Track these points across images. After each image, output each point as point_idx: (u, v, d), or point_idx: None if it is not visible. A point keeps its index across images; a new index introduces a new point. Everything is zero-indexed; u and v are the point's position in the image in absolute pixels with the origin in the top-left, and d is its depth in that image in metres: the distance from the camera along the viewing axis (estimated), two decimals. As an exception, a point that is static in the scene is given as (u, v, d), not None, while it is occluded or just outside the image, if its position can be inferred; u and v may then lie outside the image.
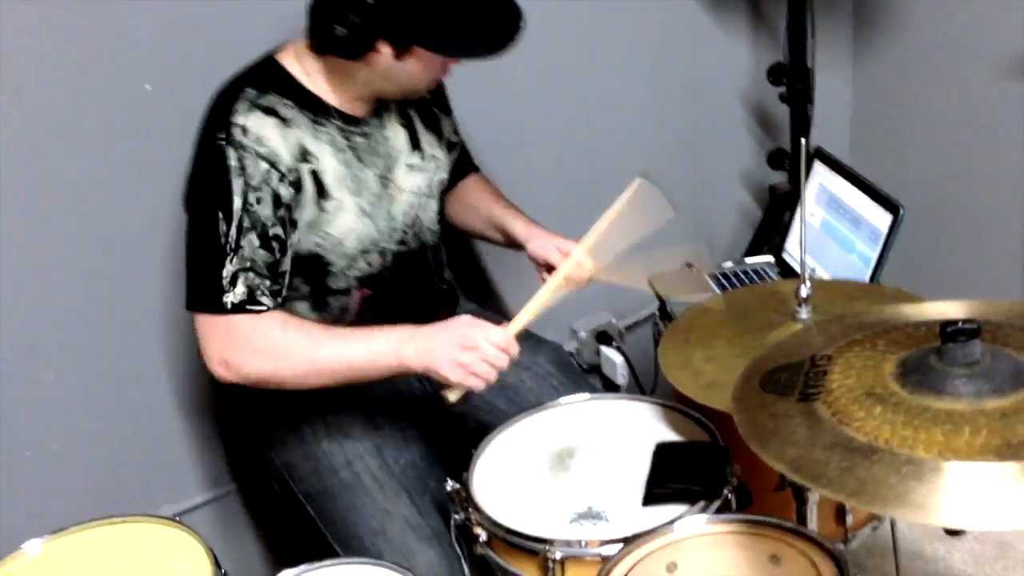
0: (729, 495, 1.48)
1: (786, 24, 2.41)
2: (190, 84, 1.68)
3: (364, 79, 1.61)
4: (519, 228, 1.84)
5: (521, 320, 1.60)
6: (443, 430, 1.80)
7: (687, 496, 1.46)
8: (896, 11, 2.61)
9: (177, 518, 1.53)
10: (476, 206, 1.93)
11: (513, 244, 1.87)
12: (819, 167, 2.01)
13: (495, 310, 2.04)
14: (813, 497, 1.55)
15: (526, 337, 1.76)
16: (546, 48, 2.27)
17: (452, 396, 1.59)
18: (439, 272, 1.88)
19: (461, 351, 1.53)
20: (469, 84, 1.83)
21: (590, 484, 1.54)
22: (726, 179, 2.60)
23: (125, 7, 1.80)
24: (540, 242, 1.79)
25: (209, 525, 2.13)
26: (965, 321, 1.20)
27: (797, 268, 1.97)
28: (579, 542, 1.41)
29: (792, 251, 2.07)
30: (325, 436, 1.72)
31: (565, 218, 1.86)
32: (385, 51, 1.55)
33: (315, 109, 1.62)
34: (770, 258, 2.14)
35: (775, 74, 2.46)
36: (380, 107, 1.72)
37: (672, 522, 1.39)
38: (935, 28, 2.54)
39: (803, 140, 1.45)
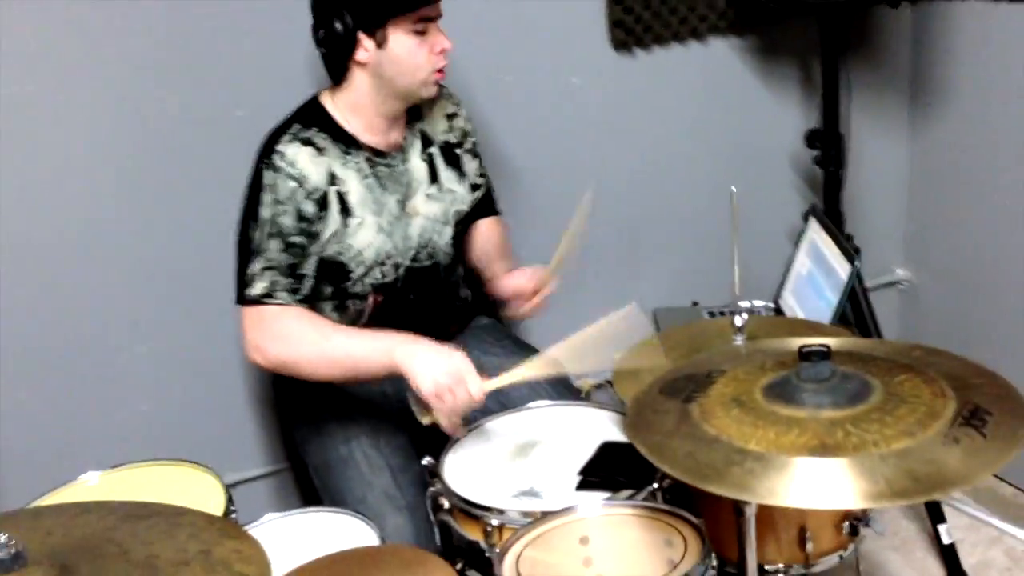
0: (656, 490, 1.71)
1: (822, 93, 2.62)
2: (273, 112, 2.04)
3: (371, 91, 1.94)
4: (496, 273, 2.17)
5: (496, 384, 1.83)
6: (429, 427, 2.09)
7: (613, 485, 1.70)
8: (952, 85, 2.76)
9: (207, 465, 1.88)
10: (481, 247, 2.24)
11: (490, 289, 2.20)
12: (814, 224, 2.21)
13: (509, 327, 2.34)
14: (749, 510, 1.76)
15: (523, 349, 2.08)
16: (603, 100, 2.60)
17: (424, 419, 1.83)
18: (452, 289, 2.18)
19: (445, 379, 1.77)
20: (532, 133, 2.10)
21: (539, 470, 1.80)
22: (764, 230, 2.79)
23: (225, 51, 2.22)
24: (510, 277, 2.12)
25: (264, 494, 2.49)
26: (818, 345, 1.41)
27: (787, 311, 2.18)
28: (512, 512, 1.67)
29: (787, 298, 2.27)
30: (332, 419, 2.04)
31: (606, 257, 2.14)
32: (367, 45, 1.89)
33: (347, 143, 1.97)
34: (769, 303, 2.35)
35: (811, 139, 2.66)
36: (406, 144, 2.05)
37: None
38: (989, 101, 2.65)
39: (732, 189, 1.68)
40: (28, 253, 2.17)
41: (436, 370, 1.78)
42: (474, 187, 2.18)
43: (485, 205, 2.25)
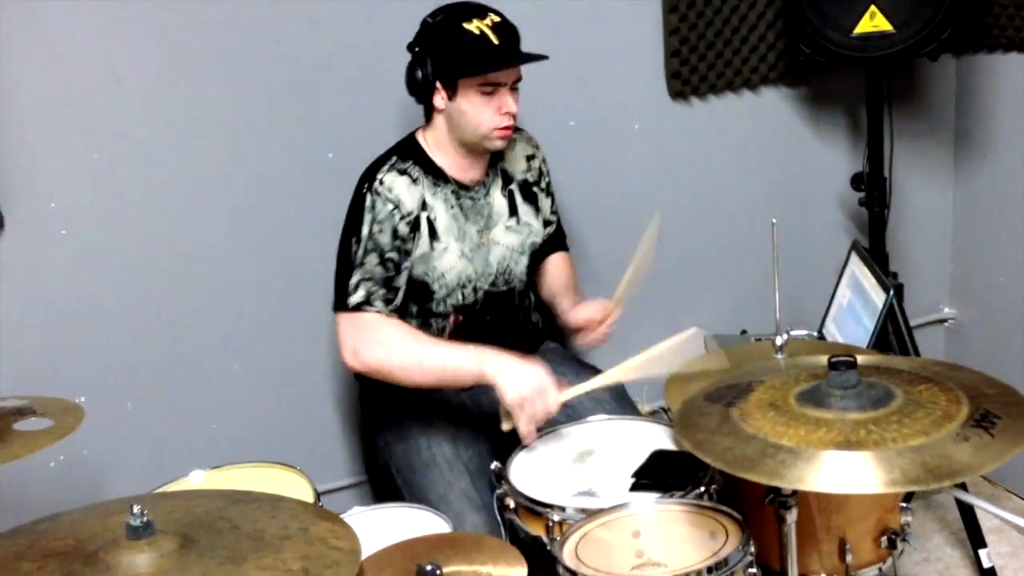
0: (702, 494, 1.88)
1: (867, 139, 2.80)
2: (358, 154, 2.29)
3: (448, 131, 2.19)
4: (566, 307, 2.39)
5: (571, 394, 2.07)
6: (508, 432, 2.29)
7: (663, 486, 1.88)
8: (995, 133, 2.92)
9: (297, 466, 2.10)
10: (550, 283, 2.46)
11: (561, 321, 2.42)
12: (854, 257, 2.39)
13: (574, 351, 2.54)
14: (791, 517, 1.92)
15: (587, 369, 2.30)
16: (661, 144, 2.83)
17: (506, 425, 2.07)
18: (525, 313, 2.39)
19: (528, 390, 2.01)
20: (597, 173, 2.31)
21: (596, 474, 1.99)
22: (812, 265, 2.92)
23: (319, 106, 2.49)
24: (580, 309, 2.34)
25: (346, 502, 2.69)
26: (845, 356, 1.59)
27: (829, 339, 2.35)
28: (571, 509, 1.86)
29: (829, 327, 2.44)
30: (416, 427, 2.25)
31: (663, 289, 2.36)
32: (442, 93, 2.13)
33: (436, 176, 2.22)
34: (813, 332, 2.51)
35: (856, 181, 2.84)
36: (488, 180, 2.28)
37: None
38: None
39: (772, 221, 1.87)
40: (142, 281, 2.43)
41: (521, 381, 2.01)
42: (547, 223, 2.41)
43: (556, 240, 2.47)
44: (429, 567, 1.59)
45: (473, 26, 2.10)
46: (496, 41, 2.11)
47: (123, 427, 2.45)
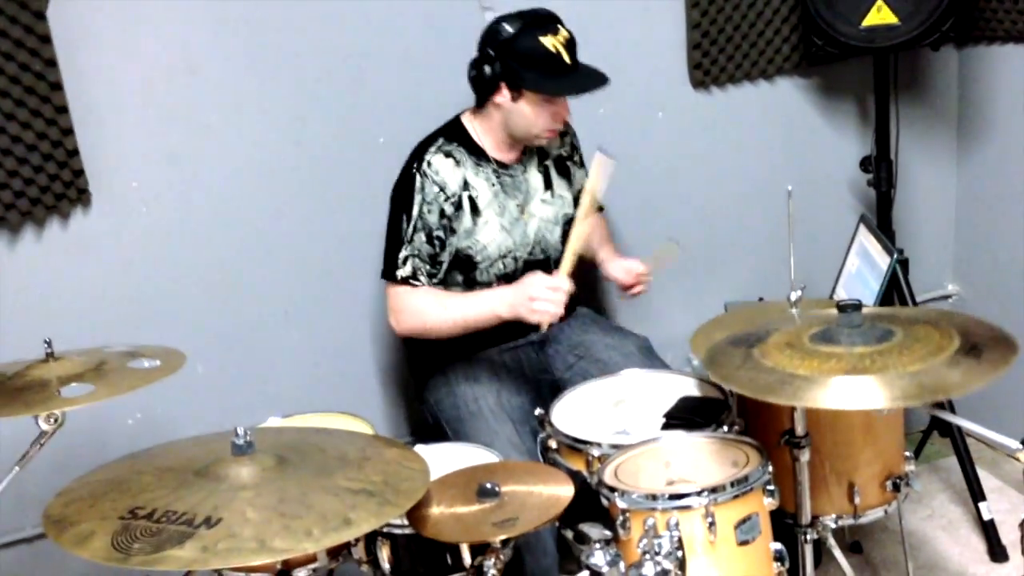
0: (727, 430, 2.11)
1: (875, 125, 3.02)
2: (406, 139, 2.53)
3: (500, 122, 2.42)
4: (604, 256, 2.63)
5: (565, 263, 2.33)
6: (548, 384, 2.53)
7: (691, 424, 2.11)
8: (996, 118, 3.11)
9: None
10: (591, 236, 2.64)
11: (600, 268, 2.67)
12: (862, 228, 2.61)
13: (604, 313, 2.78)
14: (804, 456, 2.12)
15: (618, 330, 2.51)
16: (684, 131, 3.05)
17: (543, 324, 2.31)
18: (560, 280, 2.62)
19: (530, 300, 2.26)
20: (624, 158, 2.52)
21: (630, 417, 2.22)
22: (823, 241, 3.10)
23: (371, 92, 2.71)
24: (614, 264, 2.58)
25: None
26: (851, 300, 1.82)
27: (841, 304, 2.57)
28: (607, 445, 2.08)
29: (839, 292, 2.66)
30: (463, 381, 2.49)
31: (688, 261, 2.70)
32: (505, 93, 2.36)
33: (479, 156, 2.45)
34: (825, 298, 2.73)
35: (865, 164, 3.05)
36: (525, 159, 2.51)
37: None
38: None
39: (788, 188, 2.09)
40: (212, 255, 2.67)
41: (520, 302, 2.28)
42: (580, 192, 2.62)
43: None
44: (489, 485, 1.83)
45: (549, 43, 2.33)
46: (568, 61, 2.36)
47: (194, 389, 2.67)
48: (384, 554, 1.92)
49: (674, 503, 1.82)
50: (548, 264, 2.56)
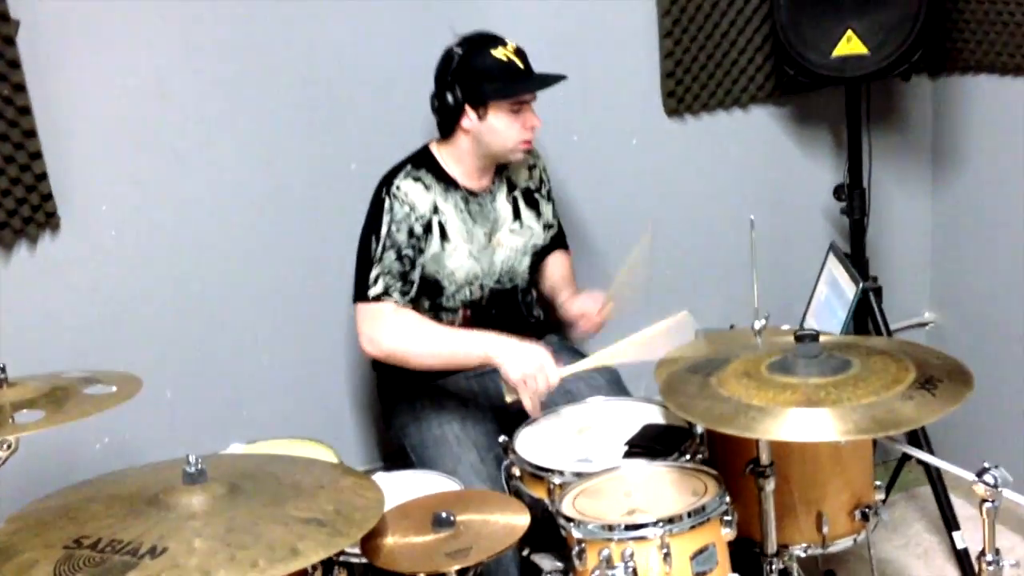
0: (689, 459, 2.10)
1: (847, 153, 3.02)
2: (377, 166, 2.53)
3: (470, 149, 2.43)
4: (564, 299, 2.62)
5: (570, 370, 2.32)
6: (514, 412, 2.51)
7: (652, 453, 2.10)
8: (971, 147, 3.12)
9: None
10: (551, 277, 2.69)
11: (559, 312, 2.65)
12: (831, 257, 2.61)
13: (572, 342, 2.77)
14: (768, 485, 2.12)
15: None
16: (657, 158, 3.05)
17: (509, 398, 2.30)
18: (528, 308, 2.63)
19: (531, 368, 2.25)
20: (597, 184, 2.55)
21: (593, 445, 2.22)
22: (795, 269, 3.10)
23: (343, 119, 2.71)
24: (577, 300, 2.57)
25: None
26: (810, 331, 1.82)
27: (810, 333, 2.57)
28: (569, 473, 2.08)
29: (809, 321, 2.66)
30: (429, 409, 2.48)
31: (659, 289, 2.63)
32: (471, 116, 2.37)
33: (447, 183, 2.46)
34: (795, 326, 2.73)
35: (838, 192, 3.06)
36: (495, 187, 2.52)
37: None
38: (1004, 163, 2.98)
39: (751, 217, 2.09)
40: (181, 280, 2.65)
41: (523, 360, 2.25)
42: (548, 226, 2.64)
43: (557, 240, 2.71)
44: (444, 514, 1.82)
45: (500, 54, 2.37)
46: (522, 66, 2.39)
47: (163, 413, 2.67)
48: (341, 584, 1.91)
49: (629, 534, 1.81)
50: (516, 293, 2.55)
